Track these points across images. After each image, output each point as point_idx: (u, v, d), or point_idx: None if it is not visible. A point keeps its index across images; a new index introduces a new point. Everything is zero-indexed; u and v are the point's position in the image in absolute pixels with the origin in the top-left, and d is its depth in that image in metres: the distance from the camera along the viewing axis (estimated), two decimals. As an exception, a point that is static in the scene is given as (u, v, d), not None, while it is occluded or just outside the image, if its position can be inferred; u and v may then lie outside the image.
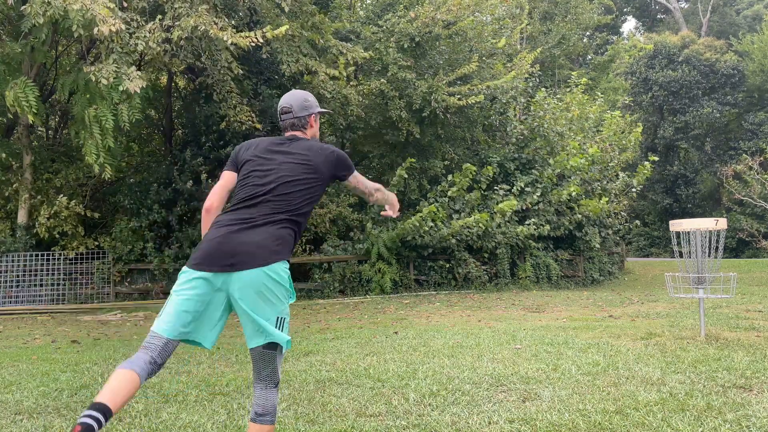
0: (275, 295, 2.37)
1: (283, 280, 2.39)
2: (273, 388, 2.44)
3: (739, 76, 28.74)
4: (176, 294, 2.40)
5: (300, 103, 2.72)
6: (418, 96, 12.86)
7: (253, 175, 2.56)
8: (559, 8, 27.42)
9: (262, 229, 2.41)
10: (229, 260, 2.34)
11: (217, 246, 2.37)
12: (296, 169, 2.56)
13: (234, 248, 2.35)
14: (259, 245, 2.36)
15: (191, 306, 2.36)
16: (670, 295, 6.21)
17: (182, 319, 2.36)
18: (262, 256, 2.34)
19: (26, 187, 12.20)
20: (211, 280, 2.35)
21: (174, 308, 2.37)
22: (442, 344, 5.82)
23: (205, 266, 2.35)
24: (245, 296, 2.33)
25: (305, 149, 2.62)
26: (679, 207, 29.16)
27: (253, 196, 2.50)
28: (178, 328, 2.36)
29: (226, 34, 9.62)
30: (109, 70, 9.19)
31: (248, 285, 2.32)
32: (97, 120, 9.89)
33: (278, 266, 2.37)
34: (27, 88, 9.97)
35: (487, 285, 13.45)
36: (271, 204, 2.48)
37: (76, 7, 8.56)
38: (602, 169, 16.37)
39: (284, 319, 2.41)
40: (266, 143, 2.67)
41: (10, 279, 11.72)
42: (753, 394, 3.71)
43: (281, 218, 2.47)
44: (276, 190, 2.50)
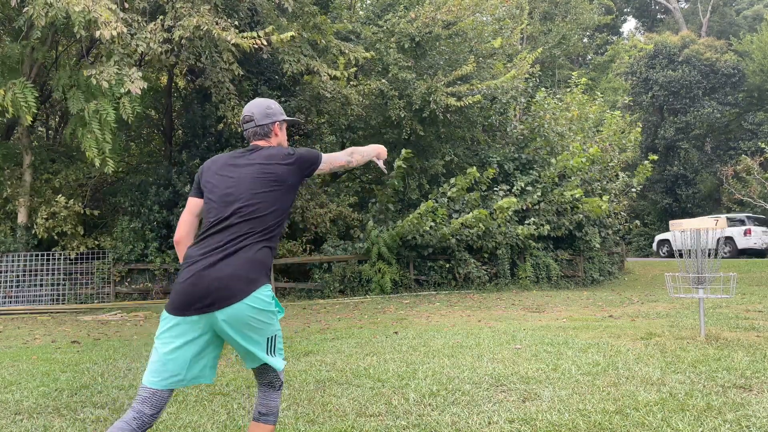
0: (261, 322, 2.28)
1: (267, 305, 2.29)
2: (276, 391, 2.44)
3: (739, 75, 28.73)
4: (159, 341, 2.30)
5: (262, 111, 2.60)
6: (418, 96, 12.87)
7: (214, 197, 2.43)
8: (559, 8, 27.44)
9: (233, 258, 2.27)
10: (205, 301, 2.22)
11: (190, 288, 2.24)
12: (257, 183, 2.41)
13: (208, 287, 2.22)
14: (233, 277, 2.23)
15: (177, 354, 2.26)
16: (670, 295, 6.21)
17: (170, 368, 2.26)
18: (239, 289, 2.22)
19: (26, 188, 12.20)
20: (193, 323, 2.25)
21: (159, 358, 2.27)
22: (442, 344, 5.82)
23: (184, 311, 2.24)
24: (232, 331, 2.25)
25: (265, 159, 2.48)
26: (679, 207, 29.15)
27: (219, 221, 2.36)
28: (169, 378, 2.26)
29: (230, 34, 9.61)
30: (110, 72, 9.19)
31: (232, 320, 2.23)
32: (97, 115, 9.88)
33: (259, 293, 2.26)
34: (26, 89, 9.96)
35: (487, 285, 13.44)
36: (238, 226, 2.33)
37: (78, 8, 8.56)
38: (602, 169, 16.37)
39: (275, 336, 2.35)
40: (225, 159, 2.54)
41: (10, 279, 11.72)
42: (753, 394, 3.71)
43: (252, 240, 2.33)
44: (241, 210, 2.36)
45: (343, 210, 13.57)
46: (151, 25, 9.69)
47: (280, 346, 2.39)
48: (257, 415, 2.42)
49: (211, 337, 2.32)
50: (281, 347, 2.41)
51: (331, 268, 12.85)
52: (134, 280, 12.81)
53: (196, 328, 2.26)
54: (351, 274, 12.83)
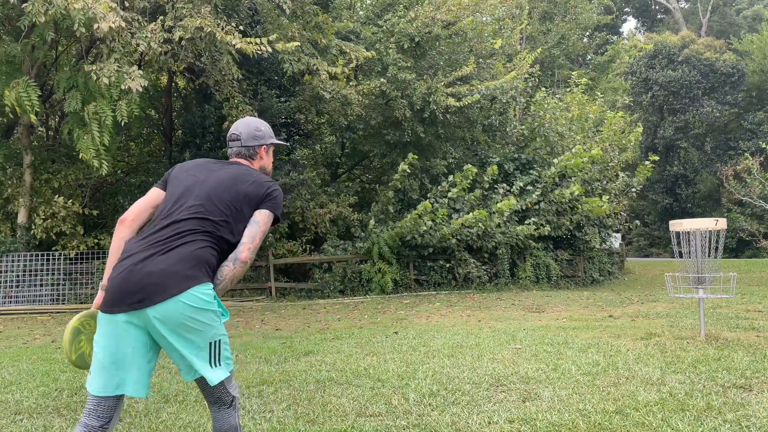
0: (200, 323, 2.07)
1: (207, 303, 2.08)
2: (227, 408, 2.19)
3: (739, 75, 28.75)
4: (96, 345, 2.14)
5: (251, 132, 2.48)
6: (418, 97, 12.87)
7: (172, 193, 2.32)
8: (558, 8, 27.43)
9: (173, 253, 2.10)
10: (135, 297, 2.04)
11: (120, 283, 2.08)
12: (223, 189, 2.28)
13: (139, 282, 2.05)
14: (167, 273, 2.06)
15: (109, 356, 2.09)
16: (670, 295, 6.21)
17: (109, 371, 2.09)
18: (173, 285, 2.05)
19: (26, 188, 12.20)
20: (127, 320, 2.08)
21: (97, 362, 2.12)
22: (442, 344, 5.82)
23: (113, 308, 2.08)
24: (166, 331, 2.05)
25: (242, 174, 2.34)
26: (679, 207, 29.18)
27: (168, 215, 2.23)
28: (108, 383, 2.10)
29: (234, 38, 9.61)
30: (110, 69, 9.20)
31: (165, 319, 2.04)
32: (96, 117, 9.89)
33: (196, 291, 2.07)
34: (29, 87, 9.99)
35: (487, 285, 13.45)
36: (184, 222, 2.18)
37: (77, 6, 8.57)
38: (602, 169, 16.37)
39: (218, 341, 2.13)
40: (200, 162, 2.44)
41: (10, 279, 11.72)
42: (753, 394, 3.71)
43: (196, 237, 2.16)
44: (192, 207, 2.22)
45: (343, 210, 13.57)
46: (151, 25, 9.70)
47: (226, 354, 2.16)
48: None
49: (146, 340, 2.13)
50: (228, 355, 2.17)
51: (331, 268, 12.85)
52: (134, 280, 12.80)
53: (130, 328, 2.09)
54: (351, 274, 12.83)
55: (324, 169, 16.27)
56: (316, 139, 16.57)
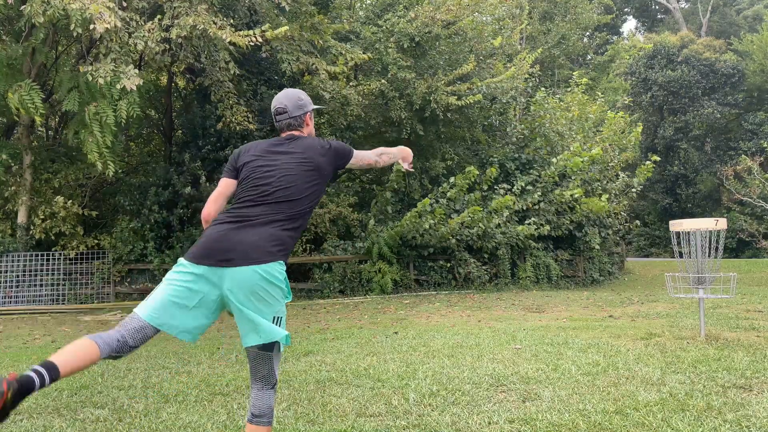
0: (270, 295, 2.33)
1: (278, 280, 2.34)
2: (269, 389, 2.41)
3: (739, 75, 28.73)
4: (168, 283, 2.36)
5: (295, 103, 2.68)
6: (418, 96, 12.86)
7: (254, 176, 2.53)
8: (558, 8, 27.43)
9: (260, 229, 2.38)
10: (225, 255, 2.30)
11: (214, 242, 2.34)
12: (297, 170, 2.53)
13: (231, 245, 2.32)
14: (255, 245, 2.33)
15: (181, 298, 2.32)
16: (670, 295, 6.21)
17: (168, 308, 2.31)
18: (256, 256, 2.31)
19: (26, 188, 12.20)
20: (205, 275, 2.32)
21: (162, 296, 2.33)
22: (442, 344, 5.82)
23: (202, 260, 2.33)
24: (239, 294, 2.29)
25: (305, 148, 2.59)
26: (679, 207, 29.16)
27: (255, 197, 2.47)
28: (162, 316, 2.30)
29: (225, 33, 9.63)
30: (106, 69, 9.21)
31: (242, 283, 2.29)
32: (97, 117, 9.91)
33: (272, 266, 2.33)
34: (32, 90, 10.02)
35: (487, 285, 13.44)
36: (272, 205, 2.45)
37: (75, 6, 8.58)
38: (602, 169, 16.37)
39: (281, 318, 2.38)
40: (265, 144, 2.64)
41: (10, 279, 11.72)
42: (753, 394, 3.71)
43: (281, 219, 2.44)
44: (277, 192, 2.47)
45: (343, 210, 13.57)
46: (148, 25, 9.71)
47: (284, 327, 2.40)
48: (251, 417, 2.40)
49: (216, 299, 2.35)
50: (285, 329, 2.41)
51: (331, 268, 12.85)
52: (134, 280, 12.82)
53: (207, 283, 2.32)
54: (351, 274, 12.83)
55: (324, 169, 16.25)
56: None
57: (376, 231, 12.92)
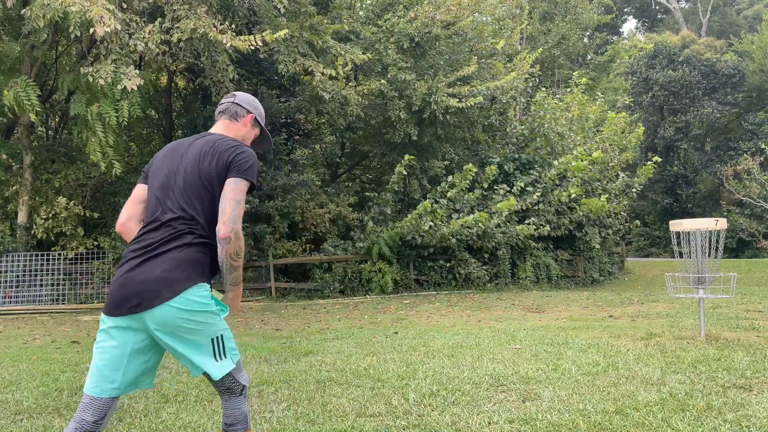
0: (198, 323, 2.12)
1: (201, 306, 2.12)
2: (238, 396, 2.24)
3: (739, 76, 28.74)
4: (96, 348, 2.20)
5: (248, 100, 2.49)
6: (418, 97, 12.86)
7: (153, 191, 2.30)
8: (558, 8, 27.44)
9: (162, 258, 2.13)
10: (133, 301, 2.10)
11: (119, 288, 2.14)
12: (190, 174, 2.22)
13: (135, 289, 2.10)
14: (160, 279, 2.10)
15: (111, 359, 2.15)
16: (670, 295, 6.21)
17: (106, 374, 2.15)
18: (166, 290, 2.09)
19: (26, 188, 12.20)
20: (124, 325, 2.15)
21: (95, 364, 2.17)
22: (442, 344, 5.82)
23: (115, 311, 2.14)
24: (163, 335, 2.12)
25: (204, 145, 2.28)
26: (679, 207, 29.17)
27: (154, 218, 2.23)
28: (104, 385, 2.15)
29: (226, 37, 9.64)
30: (107, 70, 9.22)
31: (163, 323, 2.09)
32: (100, 118, 9.93)
33: (189, 294, 2.10)
34: (28, 87, 10.00)
35: (487, 285, 13.44)
36: (172, 223, 2.19)
37: (74, 9, 8.59)
38: (602, 169, 16.37)
39: (220, 336, 2.17)
40: (169, 147, 2.38)
41: (10, 279, 11.72)
42: (753, 394, 3.71)
43: (185, 240, 2.17)
44: (173, 205, 2.20)
45: (343, 210, 13.57)
46: (149, 27, 9.71)
47: (231, 345, 2.21)
48: (224, 427, 2.25)
49: (146, 342, 2.19)
50: (233, 346, 2.22)
51: (331, 268, 12.84)
52: (134, 280, 12.80)
53: (129, 331, 2.15)
54: (351, 274, 12.83)
55: (324, 169, 16.28)
56: (316, 139, 16.57)
57: (375, 231, 12.92)
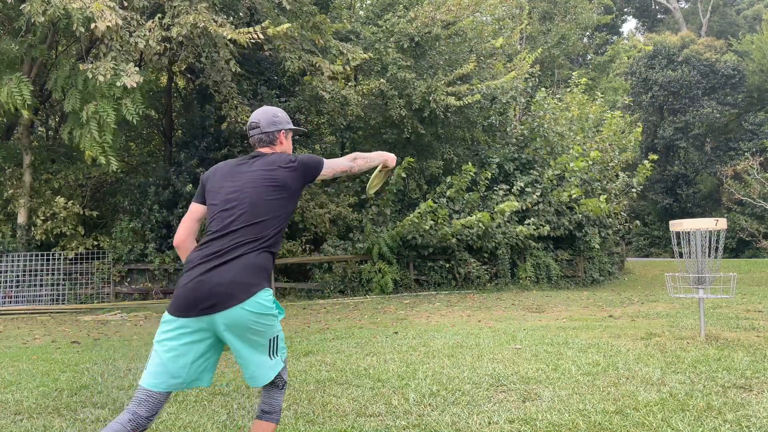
0: (264, 325, 2.31)
1: (267, 309, 2.31)
2: (279, 389, 2.46)
3: (739, 76, 28.74)
4: (160, 345, 2.31)
5: (268, 119, 2.63)
6: (418, 96, 12.86)
7: (218, 205, 2.46)
8: (558, 8, 27.43)
9: (234, 263, 2.29)
10: (206, 303, 2.24)
11: (191, 291, 2.26)
12: (261, 191, 2.43)
13: (209, 291, 2.24)
14: (234, 282, 2.25)
15: (177, 356, 2.28)
16: (670, 295, 6.21)
17: (168, 370, 2.27)
18: (239, 294, 2.25)
19: (26, 188, 12.20)
20: (193, 326, 2.27)
21: (160, 360, 2.29)
22: (442, 344, 5.82)
23: (185, 312, 2.26)
24: (232, 335, 2.28)
25: (267, 165, 2.50)
26: (679, 207, 29.17)
27: (222, 227, 2.39)
28: (168, 381, 2.28)
29: (225, 30, 9.64)
30: (106, 67, 9.21)
31: (234, 324, 2.26)
32: (96, 116, 9.89)
33: (258, 297, 2.28)
34: (21, 83, 9.97)
35: (487, 285, 13.44)
36: (240, 232, 2.36)
37: (76, 5, 8.58)
38: (602, 169, 16.37)
39: (276, 337, 2.39)
40: (228, 167, 2.57)
41: (10, 279, 11.72)
42: (753, 394, 3.71)
43: (253, 246, 2.35)
44: (243, 216, 2.39)
45: (343, 210, 13.57)
46: (149, 23, 9.71)
47: (282, 345, 2.44)
48: (260, 413, 2.44)
49: (213, 341, 2.34)
50: (283, 346, 2.45)
51: (331, 268, 12.84)
52: (134, 280, 12.82)
53: (197, 331, 2.28)
54: (351, 274, 12.83)
55: (324, 169, 16.25)
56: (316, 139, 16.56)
57: (375, 231, 12.92)
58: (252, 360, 2.33)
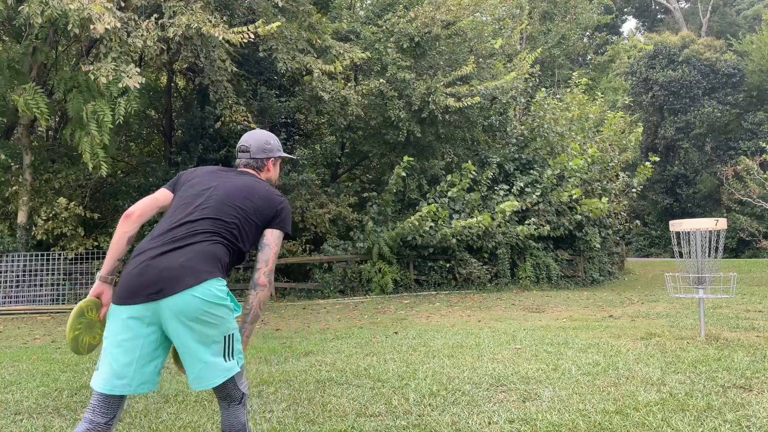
0: (215, 316, 2.13)
1: (220, 298, 2.14)
2: (237, 404, 2.24)
3: (739, 75, 28.75)
4: (106, 341, 2.16)
5: (259, 145, 2.56)
6: (417, 97, 12.86)
7: (187, 195, 2.37)
8: (558, 8, 27.42)
9: (188, 249, 2.17)
10: (153, 288, 2.09)
11: (137, 277, 2.13)
12: (235, 195, 2.35)
13: (157, 275, 2.10)
14: (184, 267, 2.12)
15: (123, 354, 2.12)
16: (670, 295, 6.21)
17: (116, 371, 2.12)
18: (189, 278, 2.10)
19: (26, 188, 12.20)
20: (138, 316, 2.12)
21: (107, 359, 2.14)
22: (442, 344, 5.82)
23: (129, 300, 2.11)
24: (180, 324, 2.10)
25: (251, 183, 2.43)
26: (679, 207, 29.18)
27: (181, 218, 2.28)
28: (113, 381, 2.12)
29: (218, 30, 9.65)
30: (107, 68, 9.21)
31: (181, 312, 2.08)
32: (95, 116, 9.91)
33: (210, 285, 2.12)
34: (36, 94, 10.05)
35: (487, 285, 13.44)
36: (199, 223, 2.25)
37: (73, 6, 8.58)
38: (602, 169, 16.37)
39: (232, 335, 2.19)
40: (211, 169, 2.51)
41: (10, 279, 11.72)
42: (753, 394, 3.71)
43: (209, 236, 2.23)
44: (207, 210, 2.29)
45: (343, 210, 13.57)
46: (146, 23, 9.71)
47: (238, 347, 2.23)
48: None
49: (159, 336, 2.17)
50: (239, 348, 2.23)
51: (331, 268, 12.84)
52: (134, 280, 12.81)
53: (142, 323, 2.12)
54: (351, 274, 12.82)
55: (324, 169, 16.27)
56: (316, 139, 16.57)
57: (375, 231, 12.92)
58: (199, 356, 2.12)
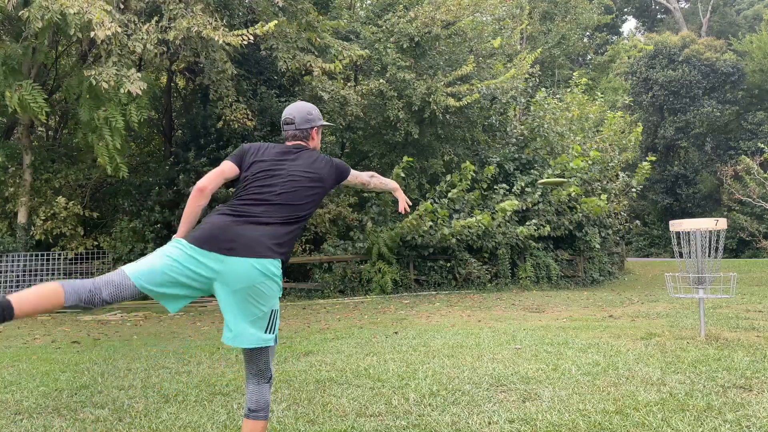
0: (268, 288, 2.39)
1: (275, 275, 2.41)
2: (265, 383, 2.47)
3: (739, 75, 28.74)
4: (165, 255, 2.35)
5: (303, 116, 2.78)
6: (418, 97, 12.86)
7: (262, 176, 2.60)
8: (559, 8, 27.43)
9: (263, 227, 2.44)
10: (228, 244, 2.35)
11: (218, 229, 2.38)
12: (303, 178, 2.63)
13: (234, 235, 2.37)
14: (257, 240, 2.39)
15: (175, 272, 2.32)
16: (670, 295, 6.21)
17: (158, 277, 2.31)
18: (258, 249, 2.37)
19: (26, 188, 12.20)
20: (205, 260, 2.34)
21: (156, 264, 2.32)
22: (442, 344, 5.82)
23: (205, 245, 2.34)
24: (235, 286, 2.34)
25: (311, 159, 2.72)
26: (679, 207, 29.17)
27: (258, 197, 2.53)
28: (149, 282, 2.30)
29: (218, 33, 9.65)
30: (109, 73, 9.21)
31: (240, 276, 2.34)
32: (107, 122, 9.97)
33: (270, 262, 2.39)
34: (33, 90, 10.03)
35: (487, 285, 13.44)
36: (274, 207, 2.52)
37: (73, 10, 8.58)
38: (602, 169, 16.37)
39: (277, 311, 2.46)
40: (276, 149, 2.73)
41: (10, 279, 11.72)
42: (753, 394, 3.71)
43: (281, 221, 2.51)
44: (282, 195, 2.56)
45: (343, 210, 13.57)
46: (146, 26, 9.71)
47: (277, 324, 2.48)
48: (248, 412, 2.45)
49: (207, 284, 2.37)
50: (278, 327, 2.51)
51: (331, 268, 12.84)
52: (134, 280, 12.81)
53: (204, 267, 2.34)
54: (351, 274, 12.83)
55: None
56: (316, 139, 16.50)
57: (375, 231, 12.92)
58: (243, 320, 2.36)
